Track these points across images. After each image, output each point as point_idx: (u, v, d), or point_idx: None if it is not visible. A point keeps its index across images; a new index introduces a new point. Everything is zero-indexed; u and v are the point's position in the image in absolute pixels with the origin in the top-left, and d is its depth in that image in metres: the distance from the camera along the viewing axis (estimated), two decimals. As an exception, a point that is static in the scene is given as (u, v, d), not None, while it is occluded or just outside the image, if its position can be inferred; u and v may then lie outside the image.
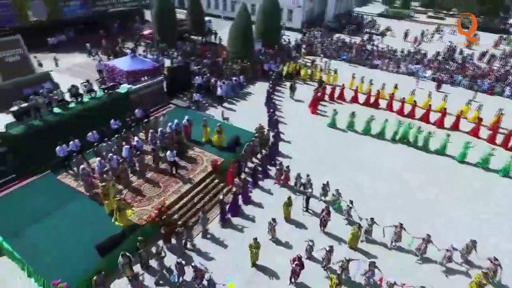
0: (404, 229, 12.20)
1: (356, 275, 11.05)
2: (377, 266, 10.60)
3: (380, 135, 19.42)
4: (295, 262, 10.62)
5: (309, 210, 14.13)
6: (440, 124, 20.86)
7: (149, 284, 10.83)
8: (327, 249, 11.17)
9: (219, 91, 21.79)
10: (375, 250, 12.50)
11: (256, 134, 17.26)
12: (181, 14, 38.07)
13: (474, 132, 19.89)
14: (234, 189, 13.81)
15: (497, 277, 10.95)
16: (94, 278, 9.57)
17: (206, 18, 37.63)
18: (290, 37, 36.43)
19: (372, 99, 23.31)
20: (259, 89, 24.87)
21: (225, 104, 22.59)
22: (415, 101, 22.21)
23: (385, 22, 47.06)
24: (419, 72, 29.19)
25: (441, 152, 18.19)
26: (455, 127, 20.50)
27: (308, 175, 14.49)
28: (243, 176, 15.25)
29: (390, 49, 33.96)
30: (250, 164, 16.44)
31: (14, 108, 14.31)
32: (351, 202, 13.39)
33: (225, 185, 14.85)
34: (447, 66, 30.56)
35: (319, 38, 37.41)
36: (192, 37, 35.99)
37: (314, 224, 13.39)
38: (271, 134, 18.09)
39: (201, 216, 12.34)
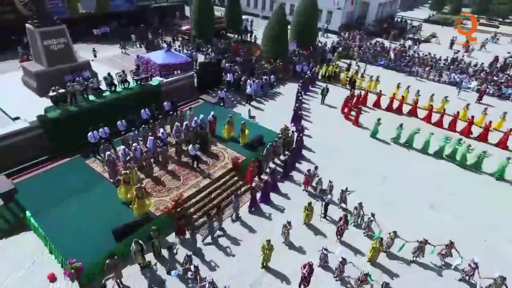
0: (429, 243, 11.53)
1: None
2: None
3: (423, 149, 18.18)
4: (306, 269, 10.30)
5: (327, 217, 13.68)
6: (482, 139, 19.51)
7: (160, 273, 11.01)
8: (340, 260, 10.73)
9: (248, 90, 21.77)
10: (394, 265, 11.84)
11: (280, 135, 17.01)
12: (219, 11, 38.60)
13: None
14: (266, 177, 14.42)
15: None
16: (107, 261, 9.87)
17: (244, 17, 37.85)
18: (328, 40, 35.77)
19: (407, 108, 22.20)
20: (289, 89, 24.57)
21: (253, 103, 22.55)
22: (456, 113, 20.89)
23: (431, 28, 44.78)
24: (462, 82, 27.34)
25: (477, 167, 17.02)
26: (503, 145, 19.00)
27: (330, 181, 14.08)
28: (263, 176, 15.16)
29: (432, 57, 32.17)
30: (271, 165, 16.27)
31: (52, 94, 15.18)
32: (373, 215, 12.78)
33: (244, 183, 14.77)
34: (495, 78, 28.42)
35: (357, 42, 36.32)
36: (229, 35, 36.44)
37: (331, 232, 12.94)
38: (294, 130, 17.95)
39: (234, 200, 12.92)
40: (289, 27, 30.04)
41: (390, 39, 39.42)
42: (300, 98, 21.59)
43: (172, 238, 12.11)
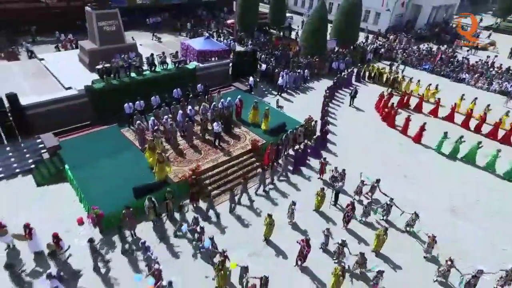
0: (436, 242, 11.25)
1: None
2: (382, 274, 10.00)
3: (470, 158, 17.16)
4: (303, 244, 10.64)
5: (338, 205, 13.79)
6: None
7: (170, 232, 12.01)
8: (340, 242, 10.89)
9: (280, 81, 22.31)
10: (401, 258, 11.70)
11: (303, 124, 17.33)
12: (264, 8, 39.47)
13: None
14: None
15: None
16: (123, 211, 11.04)
17: (288, 15, 38.35)
18: (370, 40, 35.07)
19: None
20: (322, 85, 24.57)
21: (284, 95, 23.02)
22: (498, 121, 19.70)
23: (493, 36, 41.70)
24: (515, 91, 25.40)
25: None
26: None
27: (343, 170, 14.18)
28: (280, 161, 15.63)
29: (484, 63, 30.17)
30: (290, 152, 16.66)
31: (99, 66, 16.99)
32: (391, 199, 12.68)
33: (260, 164, 15.35)
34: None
35: (403, 44, 35.12)
36: (272, 31, 37.19)
37: (338, 219, 13.07)
38: (320, 122, 18.13)
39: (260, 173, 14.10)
40: (330, 25, 30.06)
41: (436, 42, 37.56)
42: (327, 93, 21.55)
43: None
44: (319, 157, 15.82)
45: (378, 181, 13.64)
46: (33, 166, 14.21)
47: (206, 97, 18.33)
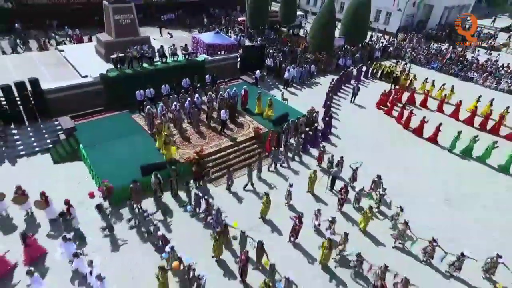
0: (409, 229, 11.71)
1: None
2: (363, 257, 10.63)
3: (485, 158, 17.10)
4: (296, 221, 11.33)
5: (334, 191, 14.38)
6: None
7: (174, 207, 12.90)
8: (330, 219, 11.52)
9: (286, 75, 23.02)
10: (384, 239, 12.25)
11: (305, 115, 17.99)
12: (276, 6, 40.20)
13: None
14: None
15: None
16: (131, 185, 11.97)
17: (299, 13, 38.98)
18: (380, 39, 35.38)
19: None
20: (328, 81, 25.06)
21: (291, 88, 23.72)
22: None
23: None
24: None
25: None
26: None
27: (341, 157, 14.80)
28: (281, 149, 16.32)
29: (493, 63, 30.11)
30: (292, 141, 17.33)
31: (114, 56, 18.09)
32: (384, 189, 13.18)
33: (262, 151, 16.08)
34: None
35: (412, 43, 35.30)
36: (283, 29, 37.88)
37: (334, 203, 13.68)
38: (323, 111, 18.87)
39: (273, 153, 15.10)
40: (339, 23, 30.60)
41: (452, 44, 37.45)
42: (331, 86, 22.13)
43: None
44: (317, 146, 16.47)
45: (379, 177, 13.86)
46: (50, 145, 15.36)
47: (214, 87, 19.17)
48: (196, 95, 17.39)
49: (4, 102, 15.43)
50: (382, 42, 34.43)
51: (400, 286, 9.65)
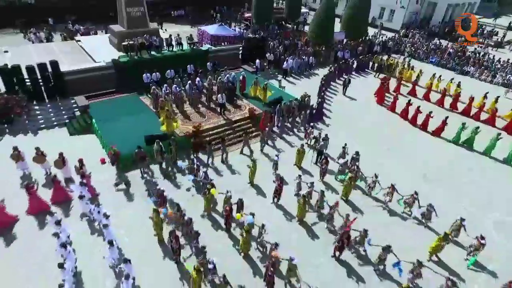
0: (396, 190, 13.11)
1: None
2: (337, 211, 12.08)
3: (489, 151, 17.63)
4: (278, 182, 12.84)
5: (318, 164, 15.77)
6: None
7: (172, 174, 14.57)
8: (308, 185, 12.96)
9: (284, 65, 24.53)
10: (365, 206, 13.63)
11: (297, 98, 19.46)
12: (282, 4, 41.72)
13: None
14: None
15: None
16: (136, 151, 13.68)
17: (304, 10, 40.40)
18: (379, 34, 36.52)
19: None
20: (326, 72, 26.52)
21: (289, 78, 25.19)
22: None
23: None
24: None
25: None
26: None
27: (326, 134, 16.22)
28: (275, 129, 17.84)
29: (488, 57, 30.91)
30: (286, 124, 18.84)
31: (125, 43, 19.98)
32: (376, 175, 13.97)
33: (256, 129, 17.61)
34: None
35: (414, 39, 36.27)
36: (288, 25, 39.34)
37: (317, 174, 15.08)
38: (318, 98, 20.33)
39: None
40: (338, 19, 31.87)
41: (453, 41, 38.18)
42: (330, 71, 23.56)
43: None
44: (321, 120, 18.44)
45: (357, 153, 14.99)
46: (67, 120, 17.29)
47: (215, 73, 20.84)
48: (198, 79, 19.06)
49: (28, 81, 17.42)
50: (382, 37, 35.49)
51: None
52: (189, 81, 18.62)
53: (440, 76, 25.24)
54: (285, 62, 24.63)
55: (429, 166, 16.42)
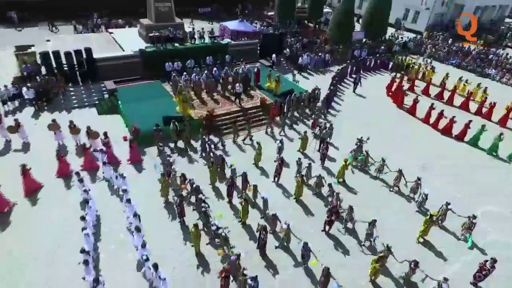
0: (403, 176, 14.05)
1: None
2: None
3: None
4: (278, 162, 13.98)
5: (320, 151, 16.69)
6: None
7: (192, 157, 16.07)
8: (306, 165, 14.02)
9: (300, 60, 25.55)
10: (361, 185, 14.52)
11: (307, 91, 20.48)
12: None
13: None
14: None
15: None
16: (154, 128, 15.29)
17: (326, 10, 41.10)
18: (399, 35, 36.65)
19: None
20: (342, 70, 27.26)
21: (304, 74, 26.18)
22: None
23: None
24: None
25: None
26: None
27: (331, 124, 17.16)
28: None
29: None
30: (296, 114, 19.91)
31: (151, 34, 21.82)
32: (383, 159, 14.83)
33: (266, 118, 18.80)
34: None
35: (435, 41, 36.06)
36: (310, 24, 40.20)
37: (319, 161, 16.06)
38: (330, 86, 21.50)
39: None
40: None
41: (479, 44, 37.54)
42: (337, 73, 24.31)
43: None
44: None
45: (360, 140, 15.95)
46: (97, 101, 19.27)
47: (232, 64, 22.25)
48: (215, 69, 20.54)
49: (65, 66, 19.57)
50: (402, 38, 35.56)
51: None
52: (206, 71, 20.11)
53: (467, 80, 25.10)
54: (300, 58, 25.62)
55: (426, 155, 17.06)
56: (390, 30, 37.82)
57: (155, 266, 9.31)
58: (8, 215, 11.85)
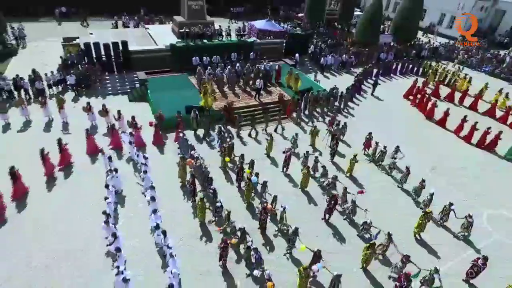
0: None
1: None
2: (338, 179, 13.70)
3: None
4: (287, 153, 14.79)
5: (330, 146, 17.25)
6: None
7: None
8: (314, 159, 14.71)
9: (322, 60, 26.08)
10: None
11: (325, 90, 21.04)
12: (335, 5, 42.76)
13: None
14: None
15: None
16: (176, 115, 16.65)
17: (357, 13, 41.03)
18: (436, 41, 35.84)
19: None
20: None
21: (327, 74, 26.68)
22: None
23: None
24: None
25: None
26: None
27: (345, 122, 17.70)
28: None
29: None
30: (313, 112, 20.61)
31: (182, 30, 23.38)
32: (394, 157, 15.57)
33: (283, 113, 19.62)
34: None
35: (469, 47, 34.98)
36: (339, 26, 40.38)
37: (328, 156, 16.67)
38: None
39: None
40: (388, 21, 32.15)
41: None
42: (361, 73, 24.62)
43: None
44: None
45: (370, 134, 16.75)
46: (128, 90, 21.07)
47: (255, 61, 23.29)
48: (237, 64, 21.69)
49: (104, 56, 21.57)
50: (433, 43, 34.83)
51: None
52: (229, 67, 21.29)
53: (508, 93, 24.15)
54: (323, 58, 26.15)
55: (435, 158, 17.15)
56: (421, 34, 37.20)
57: (164, 233, 10.51)
58: (52, 182, 13.60)
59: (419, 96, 22.86)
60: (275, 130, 18.37)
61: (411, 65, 28.80)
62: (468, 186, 15.39)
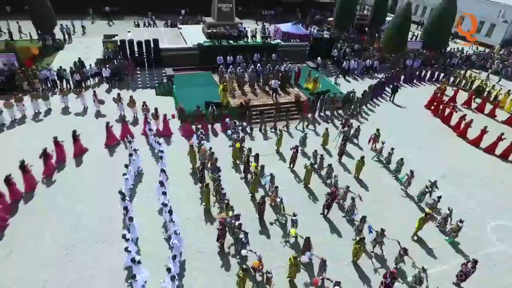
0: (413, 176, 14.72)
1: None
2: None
3: None
4: (294, 149, 15.50)
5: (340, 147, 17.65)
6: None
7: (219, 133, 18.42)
8: (319, 157, 15.30)
9: (344, 64, 26.37)
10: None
11: (342, 93, 21.42)
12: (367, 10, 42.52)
13: None
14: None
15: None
16: (195, 109, 17.92)
17: (389, 18, 40.50)
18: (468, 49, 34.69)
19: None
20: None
21: (349, 78, 26.92)
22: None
23: None
24: None
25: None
26: None
27: (358, 126, 18.10)
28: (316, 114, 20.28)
29: None
30: (328, 113, 21.10)
31: (209, 31, 24.78)
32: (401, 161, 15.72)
33: (299, 113, 20.28)
34: None
35: (504, 56, 33.49)
36: (369, 31, 40.08)
37: (337, 156, 17.14)
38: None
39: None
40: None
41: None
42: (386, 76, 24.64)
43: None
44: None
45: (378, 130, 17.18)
46: (157, 84, 22.76)
47: (276, 62, 24.15)
48: (258, 65, 22.67)
49: (137, 53, 23.47)
50: (467, 51, 33.69)
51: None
52: (251, 66, 22.32)
53: None
54: (345, 62, 26.42)
55: (446, 163, 17.10)
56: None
57: (170, 212, 11.66)
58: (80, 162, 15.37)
59: (441, 106, 22.38)
60: (286, 128, 19.12)
61: (441, 73, 28.15)
62: (479, 196, 15.22)
